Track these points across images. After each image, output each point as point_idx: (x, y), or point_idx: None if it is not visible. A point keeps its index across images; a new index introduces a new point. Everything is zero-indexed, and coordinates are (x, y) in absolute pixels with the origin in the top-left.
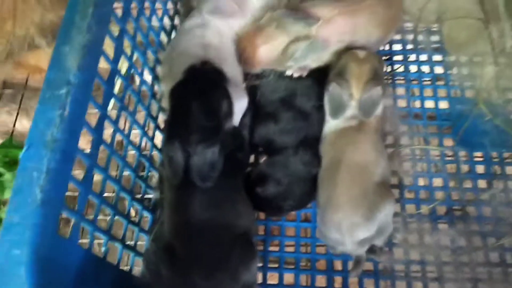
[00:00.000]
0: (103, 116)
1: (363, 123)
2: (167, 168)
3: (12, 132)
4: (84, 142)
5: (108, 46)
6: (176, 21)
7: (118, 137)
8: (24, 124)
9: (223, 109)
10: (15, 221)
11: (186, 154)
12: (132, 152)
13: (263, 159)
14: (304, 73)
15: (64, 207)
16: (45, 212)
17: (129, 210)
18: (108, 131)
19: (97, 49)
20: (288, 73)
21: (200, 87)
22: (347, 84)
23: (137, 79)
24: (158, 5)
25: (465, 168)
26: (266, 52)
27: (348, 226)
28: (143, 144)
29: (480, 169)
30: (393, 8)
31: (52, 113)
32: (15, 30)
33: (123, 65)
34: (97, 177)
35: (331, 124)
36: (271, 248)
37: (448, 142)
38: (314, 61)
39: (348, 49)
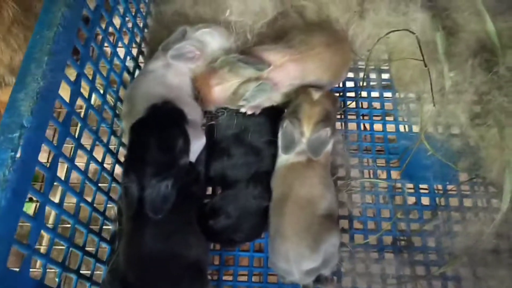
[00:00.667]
0: (57, 156)
1: (311, 159)
2: (123, 199)
3: None
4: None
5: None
6: (141, 59)
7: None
8: None
9: (178, 145)
10: None
11: (141, 186)
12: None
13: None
14: (257, 111)
15: (14, 242)
16: None
17: (85, 242)
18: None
19: (51, 94)
20: (242, 110)
21: (159, 124)
22: (299, 123)
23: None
24: (120, 45)
25: (411, 199)
26: (219, 92)
27: (295, 257)
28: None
29: (425, 200)
30: (341, 54)
31: (5, 155)
32: None
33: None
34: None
35: (282, 159)
36: (225, 278)
37: (396, 174)
38: (266, 101)
39: (305, 87)
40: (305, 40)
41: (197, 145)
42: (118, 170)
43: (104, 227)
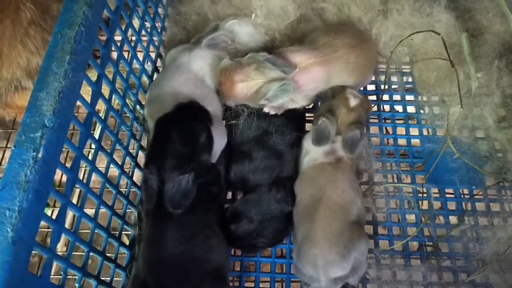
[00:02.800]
0: (79, 157)
1: (340, 161)
2: (143, 192)
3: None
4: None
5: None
6: (159, 63)
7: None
8: None
9: (201, 140)
10: None
11: (161, 178)
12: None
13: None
14: (279, 112)
15: (36, 245)
16: (16, 250)
17: (105, 247)
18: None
19: (73, 94)
20: (265, 110)
21: (182, 119)
22: (336, 122)
23: (116, 120)
24: (139, 48)
25: (436, 204)
26: (242, 88)
27: (324, 263)
28: (121, 182)
29: (451, 205)
30: (366, 55)
31: (26, 155)
32: (2, 72)
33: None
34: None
35: (309, 158)
36: (247, 284)
37: (420, 179)
38: (288, 102)
39: (344, 88)
40: (329, 42)
41: (219, 143)
42: (137, 174)
43: (123, 232)
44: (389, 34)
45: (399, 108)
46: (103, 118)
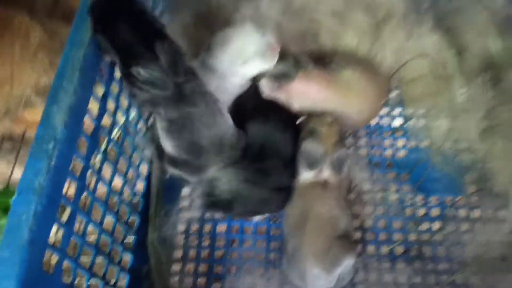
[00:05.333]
0: (86, 167)
1: (328, 181)
2: None
3: (9, 182)
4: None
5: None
6: None
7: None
8: (19, 175)
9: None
10: (6, 256)
11: None
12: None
13: None
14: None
15: (48, 246)
16: (32, 250)
17: (109, 251)
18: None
19: (82, 109)
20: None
21: None
22: (320, 143)
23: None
24: None
25: (421, 211)
26: None
27: (310, 277)
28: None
29: (435, 212)
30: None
31: (40, 164)
32: (13, 91)
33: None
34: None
35: (303, 177)
36: None
37: (406, 187)
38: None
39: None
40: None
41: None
42: (139, 185)
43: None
44: (389, 61)
45: (386, 121)
46: (108, 131)
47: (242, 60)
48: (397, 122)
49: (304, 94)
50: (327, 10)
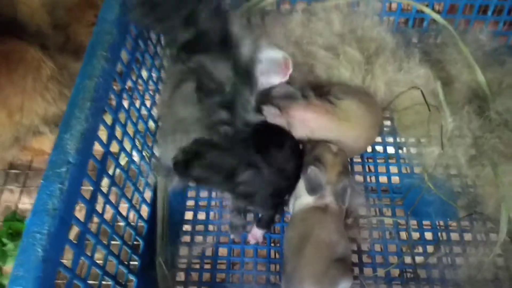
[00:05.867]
0: (96, 190)
1: (328, 206)
2: None
3: (16, 208)
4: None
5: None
6: None
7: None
8: (25, 202)
9: None
10: (20, 274)
11: None
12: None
13: None
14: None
15: (60, 265)
16: (45, 268)
17: (116, 272)
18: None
19: (92, 136)
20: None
21: None
22: (324, 170)
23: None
24: (147, 96)
25: (415, 235)
26: None
27: None
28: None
29: (428, 235)
30: (373, 125)
31: (54, 187)
32: (22, 120)
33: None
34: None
35: (301, 202)
36: None
37: (400, 212)
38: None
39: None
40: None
41: None
42: (144, 210)
43: (131, 262)
44: (382, 92)
45: (380, 148)
46: (116, 157)
47: (259, 70)
48: (391, 150)
49: (303, 121)
50: (322, 44)
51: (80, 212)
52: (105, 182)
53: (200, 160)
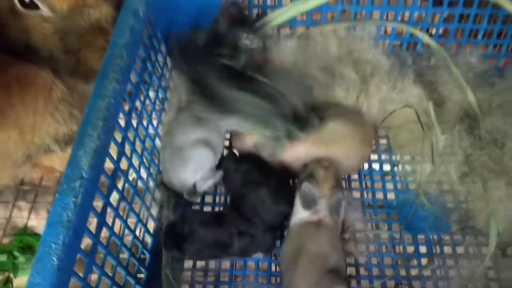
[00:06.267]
0: (106, 204)
1: (322, 220)
2: None
3: (27, 223)
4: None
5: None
6: None
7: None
8: (33, 217)
9: None
10: (37, 281)
11: None
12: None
13: None
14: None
15: (73, 274)
16: (60, 276)
17: (124, 283)
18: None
19: (104, 152)
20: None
21: None
22: (317, 185)
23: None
24: (154, 116)
25: (410, 249)
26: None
27: None
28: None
29: (422, 249)
30: (363, 146)
31: (68, 200)
32: (34, 139)
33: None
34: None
35: (296, 218)
36: None
37: (396, 227)
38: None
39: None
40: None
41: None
42: (150, 225)
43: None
44: (375, 109)
45: (376, 166)
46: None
47: None
48: (387, 167)
49: (294, 157)
50: (319, 66)
51: (89, 224)
52: (114, 197)
53: (194, 241)
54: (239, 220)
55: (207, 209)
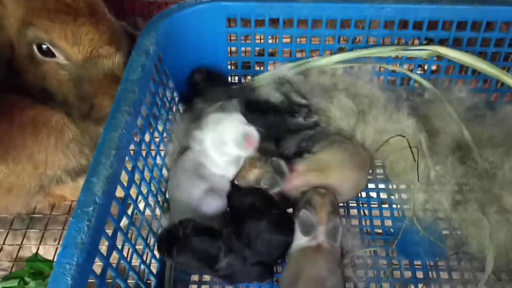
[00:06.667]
0: (117, 229)
1: (320, 245)
2: None
3: (38, 249)
4: None
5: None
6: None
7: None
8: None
9: None
10: None
11: None
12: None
13: None
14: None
15: None
16: None
17: None
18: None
19: (116, 180)
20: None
21: None
22: (314, 211)
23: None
24: (161, 147)
25: (407, 274)
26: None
27: None
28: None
29: (419, 274)
30: (360, 174)
31: (82, 224)
32: (46, 172)
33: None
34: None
35: (297, 242)
36: None
37: (393, 253)
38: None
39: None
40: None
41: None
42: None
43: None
44: (371, 138)
45: (373, 194)
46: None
47: (220, 142)
48: (384, 195)
49: (293, 187)
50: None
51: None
52: (123, 222)
53: (184, 247)
54: (234, 239)
55: None
